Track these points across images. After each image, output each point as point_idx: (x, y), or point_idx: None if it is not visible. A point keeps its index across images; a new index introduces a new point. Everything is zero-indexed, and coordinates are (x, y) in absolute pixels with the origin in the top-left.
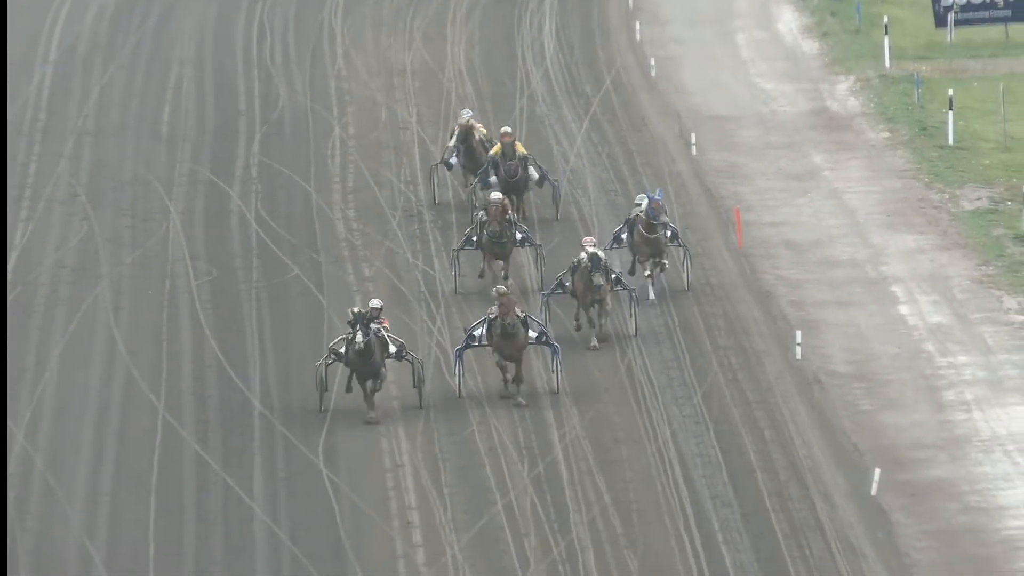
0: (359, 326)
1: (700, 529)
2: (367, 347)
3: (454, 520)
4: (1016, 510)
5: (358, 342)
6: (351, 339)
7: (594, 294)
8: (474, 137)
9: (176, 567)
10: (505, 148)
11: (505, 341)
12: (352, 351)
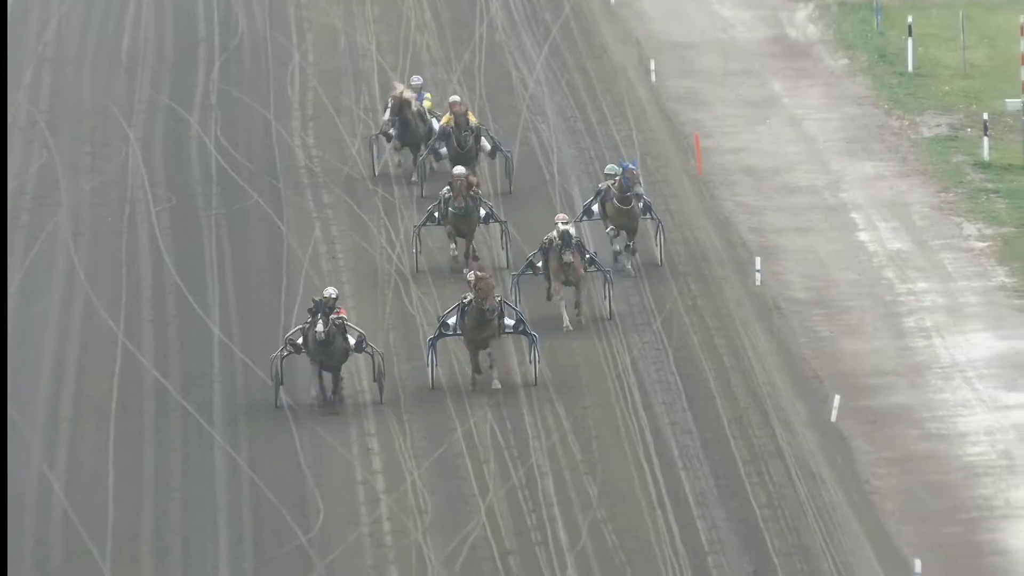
0: (319, 315)
1: (660, 456)
2: (328, 336)
3: (413, 447)
4: (976, 436)
5: (319, 331)
6: (311, 328)
7: (567, 273)
8: (410, 108)
9: (135, 493)
10: (458, 118)
11: (478, 328)
12: (313, 341)
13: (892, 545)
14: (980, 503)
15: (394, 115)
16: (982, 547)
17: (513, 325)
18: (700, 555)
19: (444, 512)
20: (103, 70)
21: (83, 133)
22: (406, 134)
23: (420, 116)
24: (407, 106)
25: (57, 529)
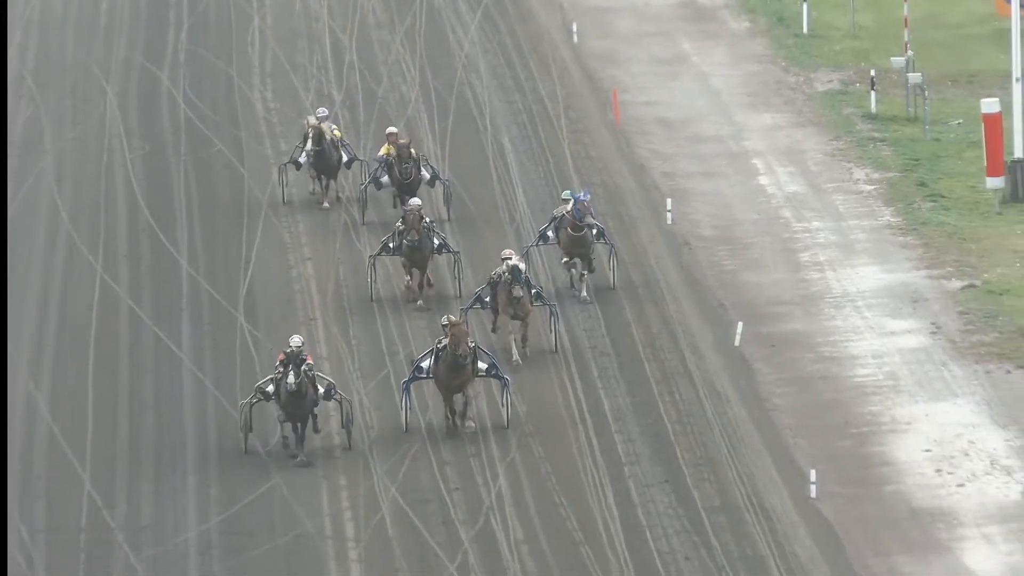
0: (291, 366)
1: (581, 377)
2: (300, 388)
3: (360, 368)
4: (864, 359)
5: (291, 383)
6: (282, 379)
7: (516, 308)
8: (325, 139)
9: (112, 410)
10: (399, 149)
11: (452, 374)
12: (284, 392)
13: (789, 457)
14: (869, 419)
15: (315, 145)
16: (870, 458)
17: (486, 369)
18: (617, 466)
19: (388, 430)
20: (84, 32)
21: (66, 88)
22: (321, 162)
23: (334, 145)
24: (323, 136)
25: (42, 442)
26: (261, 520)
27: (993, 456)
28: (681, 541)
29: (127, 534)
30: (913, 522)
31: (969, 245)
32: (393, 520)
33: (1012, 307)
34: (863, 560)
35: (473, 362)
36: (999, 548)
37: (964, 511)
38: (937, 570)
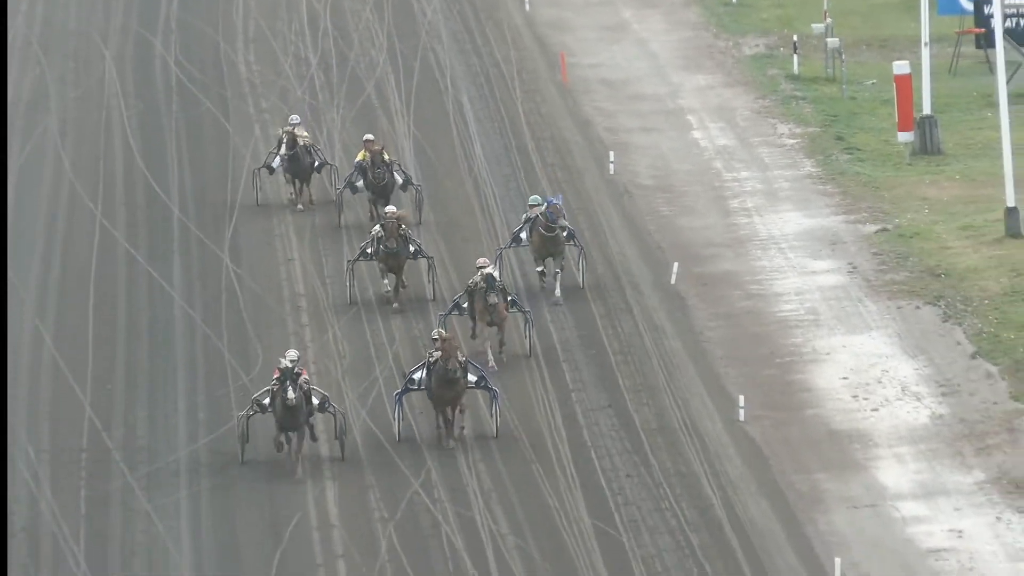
0: (288, 382)
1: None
2: (298, 402)
3: (334, 305)
4: (788, 296)
5: (290, 398)
6: (279, 393)
7: (492, 315)
8: (298, 144)
9: (110, 343)
10: (373, 156)
11: (444, 387)
12: (282, 406)
13: (720, 384)
14: (792, 350)
15: (289, 150)
16: (793, 385)
17: (476, 381)
18: (565, 392)
19: (359, 358)
20: (85, 2)
21: (68, 52)
22: (294, 166)
23: (306, 150)
24: (296, 141)
25: (47, 371)
26: (254, 447)
27: (904, 383)
28: (623, 460)
29: (124, 454)
30: (832, 443)
31: (882, 193)
32: (364, 443)
33: (921, 249)
34: (787, 477)
35: (464, 376)
36: (909, 466)
37: (878, 433)
38: (854, 486)
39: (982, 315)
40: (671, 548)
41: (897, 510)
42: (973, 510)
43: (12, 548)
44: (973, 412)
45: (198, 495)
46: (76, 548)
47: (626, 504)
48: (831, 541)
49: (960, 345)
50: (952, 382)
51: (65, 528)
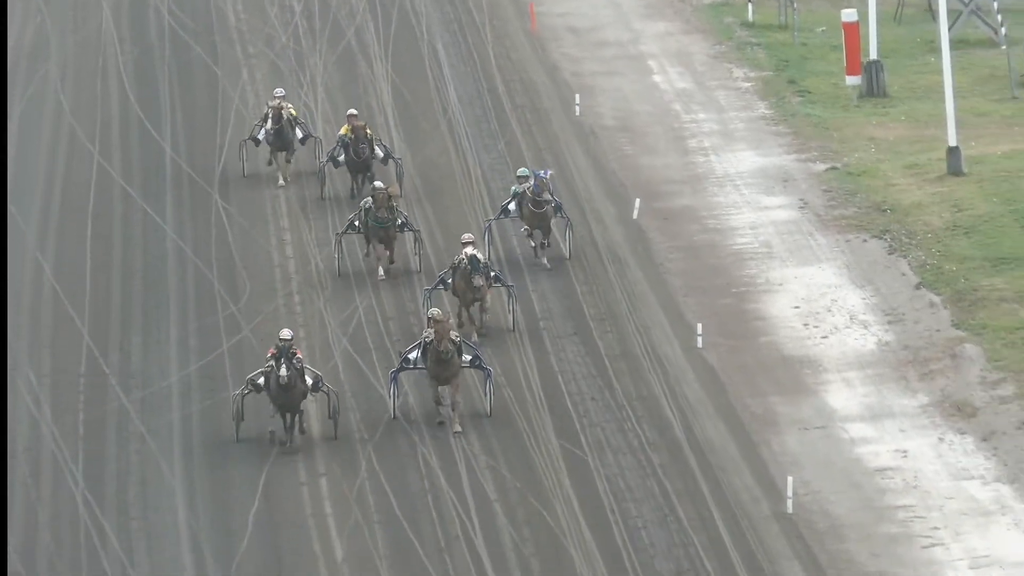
0: (283, 359)
1: (503, 243)
2: (291, 380)
3: (316, 238)
4: (742, 230)
5: (283, 375)
6: (273, 372)
7: (475, 293)
8: (283, 117)
9: (106, 274)
10: (356, 131)
11: (440, 366)
12: (276, 385)
13: (679, 312)
14: (746, 281)
15: (275, 123)
16: (748, 314)
17: (470, 360)
18: (534, 320)
19: (341, 288)
20: None
21: (68, 2)
22: (279, 139)
23: (290, 123)
24: (281, 113)
25: (47, 301)
26: (233, 367)
27: (852, 312)
28: (588, 384)
29: (119, 379)
30: (784, 368)
31: (831, 133)
32: (344, 365)
33: (868, 186)
34: (742, 400)
35: (458, 355)
36: (857, 390)
37: (827, 359)
38: (804, 408)
39: (926, 248)
40: (633, 467)
41: (846, 431)
42: (917, 431)
43: (14, 468)
44: (917, 339)
45: (189, 417)
46: (75, 467)
47: (591, 426)
48: (783, 460)
49: (905, 276)
50: (897, 311)
51: (64, 449)
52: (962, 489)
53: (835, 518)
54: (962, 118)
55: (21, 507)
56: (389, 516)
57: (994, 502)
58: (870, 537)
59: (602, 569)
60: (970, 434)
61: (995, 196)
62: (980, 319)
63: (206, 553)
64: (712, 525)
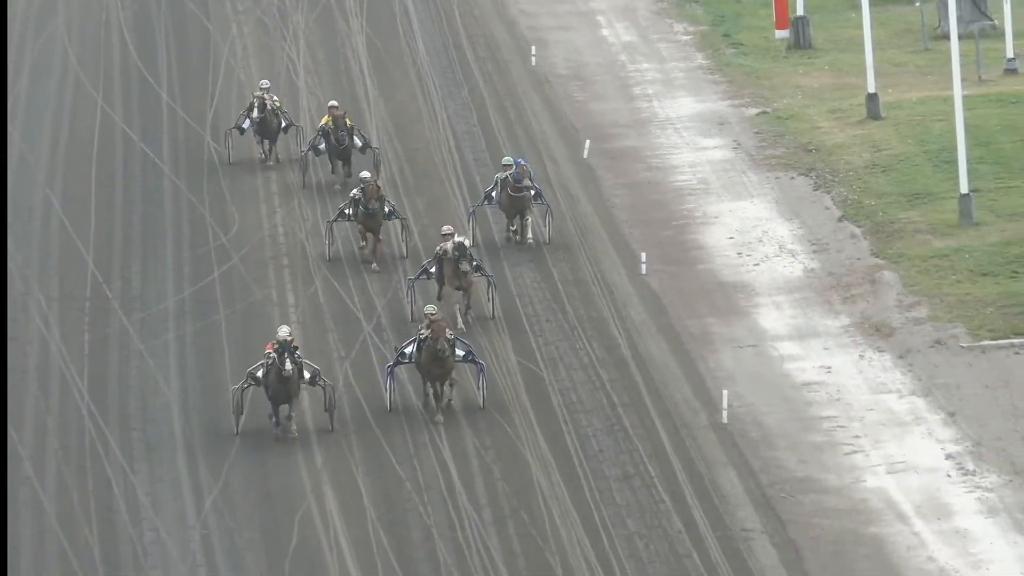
0: (285, 354)
1: (467, 181)
2: (292, 375)
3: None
4: (682, 168)
5: (287, 369)
6: (274, 365)
7: (460, 280)
8: (267, 107)
9: (109, 210)
10: (336, 120)
11: (434, 364)
12: (276, 378)
13: (625, 243)
14: (685, 214)
15: (260, 113)
16: (687, 244)
17: (463, 356)
18: (494, 251)
19: (319, 224)
20: None
21: None
22: (264, 128)
23: (274, 113)
24: (266, 105)
25: (55, 233)
26: (223, 291)
27: (781, 242)
28: (543, 307)
29: (121, 302)
30: (720, 292)
31: (762, 82)
32: (324, 292)
33: (795, 129)
34: (682, 322)
35: (452, 353)
36: (785, 312)
37: (759, 284)
38: (738, 329)
39: (847, 184)
40: (584, 382)
41: (775, 349)
42: (840, 349)
43: (26, 384)
44: (840, 266)
45: (184, 337)
46: (80, 383)
47: (546, 344)
48: (719, 376)
49: (829, 210)
50: (822, 241)
51: (71, 365)
52: (880, 402)
53: (766, 428)
54: (880, 68)
55: (32, 419)
56: (364, 427)
57: (909, 413)
58: (797, 445)
59: (556, 474)
60: (888, 352)
61: (910, 138)
62: (897, 248)
63: (199, 460)
64: (655, 434)
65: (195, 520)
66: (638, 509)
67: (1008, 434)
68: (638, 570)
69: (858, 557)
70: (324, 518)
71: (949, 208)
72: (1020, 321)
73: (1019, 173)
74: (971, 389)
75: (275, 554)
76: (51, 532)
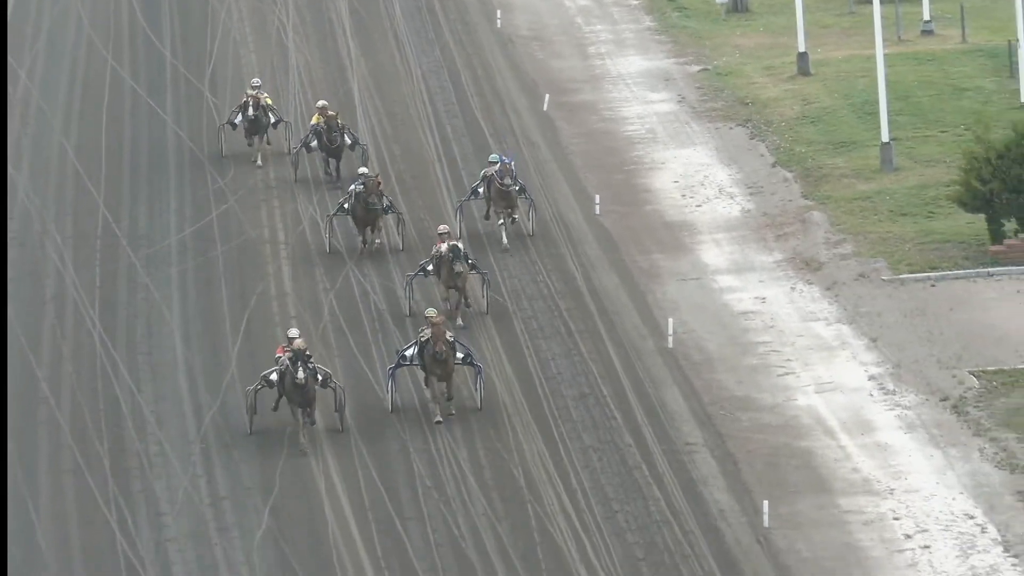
0: (299, 363)
1: (439, 130)
2: (307, 382)
3: (287, 132)
4: (632, 119)
5: (300, 377)
6: (288, 372)
7: (455, 279)
8: (260, 106)
9: (118, 155)
10: (328, 120)
11: (436, 365)
12: (291, 384)
13: (581, 186)
14: (635, 160)
15: (254, 111)
16: (636, 187)
17: (462, 358)
18: (459, 180)
19: (312, 170)
20: None
21: None
22: (254, 124)
23: (264, 110)
24: (259, 102)
25: (70, 177)
26: (221, 230)
27: (720, 186)
28: (509, 244)
29: (129, 240)
30: (666, 231)
31: (704, 42)
32: (311, 231)
33: (733, 84)
34: (631, 257)
35: (452, 355)
36: (724, 248)
37: (701, 223)
38: (683, 263)
39: (780, 134)
40: (544, 311)
41: (716, 282)
42: (773, 282)
43: (44, 314)
44: (773, 208)
45: (185, 271)
46: (92, 312)
47: (510, 278)
48: (665, 305)
49: (763, 156)
50: (757, 184)
51: (84, 296)
52: (810, 328)
53: (707, 352)
54: (809, 29)
55: (48, 345)
56: (344, 350)
57: (836, 339)
58: (735, 368)
59: (519, 394)
60: (816, 284)
61: (836, 92)
62: (824, 191)
63: (199, 381)
64: (607, 358)
65: (195, 435)
66: (592, 425)
67: (924, 358)
68: (592, 480)
69: (790, 468)
70: (311, 432)
71: (871, 155)
72: (935, 256)
73: (934, 124)
74: (891, 317)
75: (268, 467)
76: (66, 447)
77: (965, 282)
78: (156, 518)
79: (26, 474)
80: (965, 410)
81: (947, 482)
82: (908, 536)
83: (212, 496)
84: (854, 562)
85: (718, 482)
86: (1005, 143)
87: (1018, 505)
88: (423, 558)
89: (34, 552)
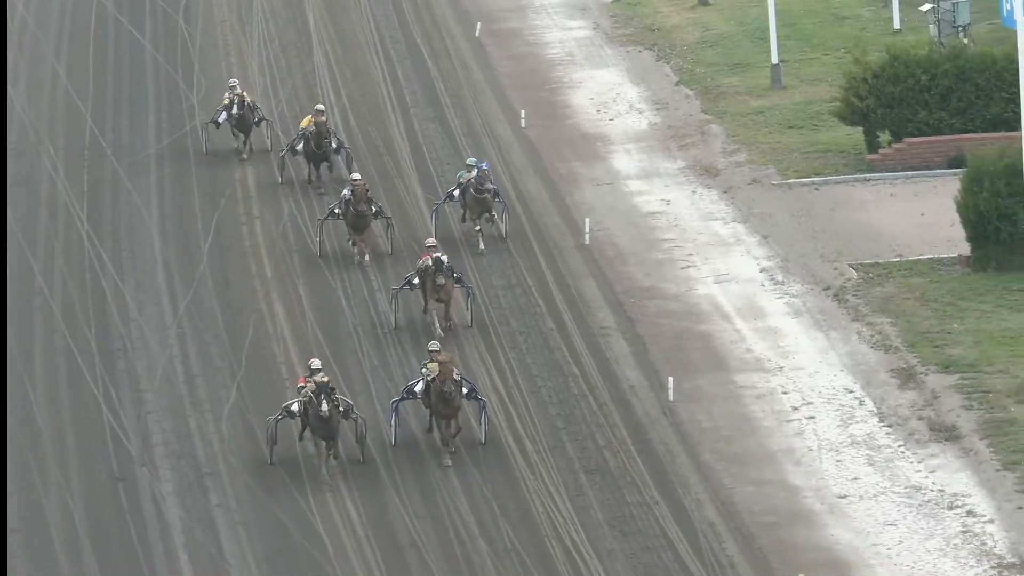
0: (323, 396)
1: (384, 54)
2: (331, 415)
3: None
4: (553, 44)
5: (324, 411)
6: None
7: (439, 292)
8: (245, 104)
9: (102, 75)
10: (319, 126)
11: (442, 404)
12: (315, 416)
13: (509, 104)
14: (556, 80)
15: (239, 109)
16: (557, 104)
17: (466, 393)
18: (405, 107)
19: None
20: None
21: None
22: (241, 123)
23: (250, 108)
24: (244, 101)
25: (60, 97)
26: (193, 142)
27: (631, 102)
28: (445, 152)
29: (113, 150)
30: (584, 142)
31: None
32: (275, 141)
33: (641, 13)
34: (553, 165)
35: (460, 394)
36: (634, 157)
37: (614, 135)
38: (597, 171)
39: (683, 56)
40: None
41: (626, 186)
42: (677, 186)
43: (39, 215)
44: (677, 121)
45: (163, 178)
46: (81, 213)
47: (447, 184)
48: (583, 207)
49: (668, 76)
50: (663, 101)
51: (73, 199)
52: (709, 227)
53: (620, 248)
54: None
55: (42, 243)
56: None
57: (732, 236)
58: (644, 261)
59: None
60: (715, 188)
61: (732, 20)
62: (721, 107)
63: (175, 274)
64: (532, 253)
65: (171, 321)
66: (519, 312)
67: (809, 252)
68: (519, 360)
69: (692, 349)
70: (272, 317)
71: (763, 75)
72: (819, 164)
73: (818, 47)
74: (780, 217)
75: (235, 346)
76: (59, 332)
77: (845, 186)
78: (137, 394)
79: (23, 356)
80: (845, 298)
81: (829, 361)
82: (795, 408)
83: (187, 374)
84: (748, 431)
85: (629, 361)
86: (880, 64)
87: (891, 381)
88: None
89: (31, 424)
